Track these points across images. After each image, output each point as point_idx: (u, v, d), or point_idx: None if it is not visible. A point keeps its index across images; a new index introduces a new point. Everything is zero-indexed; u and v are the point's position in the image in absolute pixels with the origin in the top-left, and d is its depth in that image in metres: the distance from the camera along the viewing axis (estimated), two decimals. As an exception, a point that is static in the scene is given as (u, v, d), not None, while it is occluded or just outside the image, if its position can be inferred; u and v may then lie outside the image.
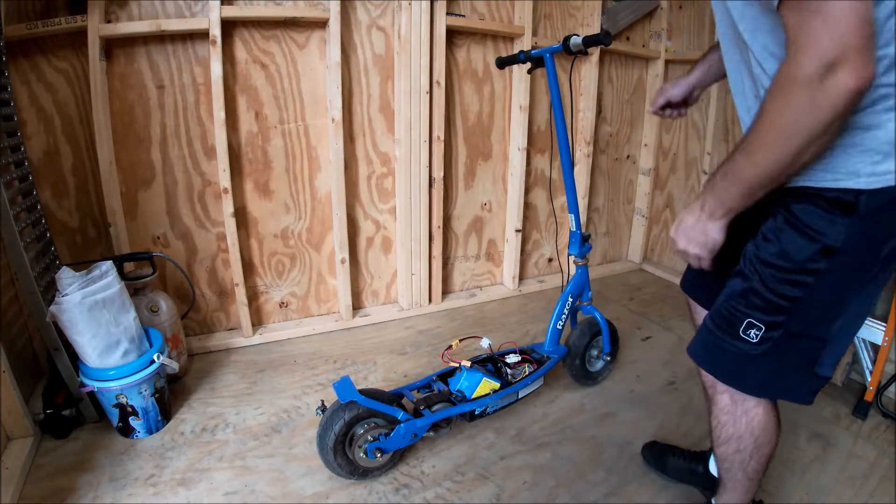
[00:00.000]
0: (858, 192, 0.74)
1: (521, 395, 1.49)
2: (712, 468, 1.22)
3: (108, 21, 1.55)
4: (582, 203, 2.58)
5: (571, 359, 1.66)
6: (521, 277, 2.58)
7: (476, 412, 1.40)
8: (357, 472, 1.28)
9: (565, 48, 1.35)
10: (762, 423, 0.95)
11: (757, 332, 0.85)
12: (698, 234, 0.86)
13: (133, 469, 1.32)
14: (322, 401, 1.30)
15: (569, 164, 1.51)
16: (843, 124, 0.71)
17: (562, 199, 2.53)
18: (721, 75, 1.12)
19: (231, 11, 1.63)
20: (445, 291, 2.38)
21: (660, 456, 1.35)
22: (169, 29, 1.59)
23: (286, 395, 1.65)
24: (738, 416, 0.96)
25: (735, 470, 1.01)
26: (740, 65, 0.86)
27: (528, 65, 1.50)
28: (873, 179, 0.73)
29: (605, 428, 1.53)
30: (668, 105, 1.25)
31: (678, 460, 1.31)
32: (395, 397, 1.34)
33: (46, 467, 1.31)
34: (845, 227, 0.76)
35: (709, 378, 0.98)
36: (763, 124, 0.72)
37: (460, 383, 1.40)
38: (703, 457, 1.27)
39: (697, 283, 1.16)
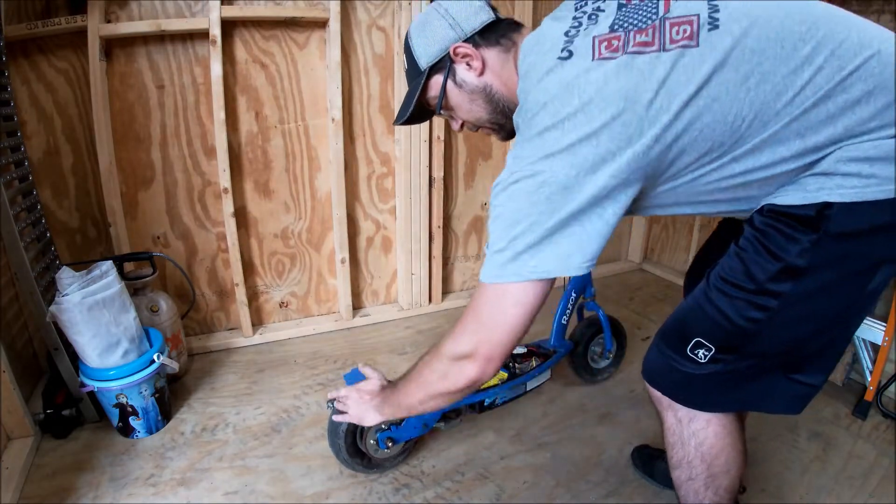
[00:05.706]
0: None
1: (528, 386, 1.50)
2: None
3: (108, 21, 1.55)
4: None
5: (574, 352, 1.67)
6: (521, 277, 2.57)
7: (485, 403, 1.41)
8: (364, 463, 1.29)
9: None
10: (714, 448, 0.87)
11: (706, 353, 0.80)
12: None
13: (133, 469, 1.32)
14: None
15: None
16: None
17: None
18: None
19: (231, 11, 1.63)
20: (445, 291, 2.38)
21: (648, 460, 1.34)
22: (169, 29, 1.58)
23: (286, 395, 1.65)
24: (686, 439, 0.89)
25: (690, 499, 0.92)
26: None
27: None
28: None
29: (605, 428, 1.53)
30: None
31: (665, 465, 1.29)
32: None
33: (46, 467, 1.31)
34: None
35: (655, 392, 0.93)
36: (419, 366, 0.94)
37: None
38: None
39: None
